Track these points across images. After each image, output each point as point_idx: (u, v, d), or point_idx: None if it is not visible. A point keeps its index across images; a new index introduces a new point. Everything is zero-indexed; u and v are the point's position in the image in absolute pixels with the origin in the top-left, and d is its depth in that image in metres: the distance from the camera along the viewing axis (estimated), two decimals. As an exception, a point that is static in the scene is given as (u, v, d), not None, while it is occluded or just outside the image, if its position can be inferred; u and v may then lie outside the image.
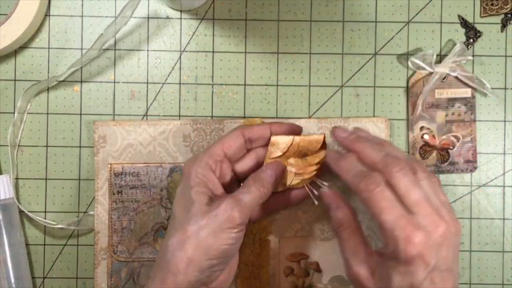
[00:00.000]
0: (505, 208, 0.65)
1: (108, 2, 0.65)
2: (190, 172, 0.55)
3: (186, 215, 0.53)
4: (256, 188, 0.54)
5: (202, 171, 0.54)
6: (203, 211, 0.52)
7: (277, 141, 0.58)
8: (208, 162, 0.55)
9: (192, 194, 0.53)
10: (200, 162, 0.55)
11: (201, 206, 0.53)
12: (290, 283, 0.64)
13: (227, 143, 0.57)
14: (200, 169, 0.54)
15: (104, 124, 0.64)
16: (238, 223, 0.52)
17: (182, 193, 0.55)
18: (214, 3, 0.65)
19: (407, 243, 0.49)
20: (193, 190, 0.54)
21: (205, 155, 0.55)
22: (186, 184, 0.54)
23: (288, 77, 0.65)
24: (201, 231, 0.52)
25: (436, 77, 0.63)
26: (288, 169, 0.58)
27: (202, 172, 0.54)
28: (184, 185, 0.55)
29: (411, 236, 0.49)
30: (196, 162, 0.55)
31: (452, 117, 0.65)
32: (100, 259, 0.64)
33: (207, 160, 0.55)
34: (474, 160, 0.64)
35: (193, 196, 0.53)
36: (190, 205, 0.53)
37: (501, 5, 0.65)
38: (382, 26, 0.65)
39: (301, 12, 0.65)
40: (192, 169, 0.55)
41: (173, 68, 0.65)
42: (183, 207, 0.53)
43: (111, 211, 0.63)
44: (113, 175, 0.63)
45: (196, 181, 0.54)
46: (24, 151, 0.65)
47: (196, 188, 0.54)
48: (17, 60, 0.65)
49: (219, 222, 0.52)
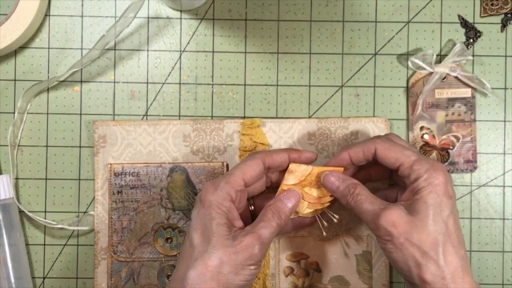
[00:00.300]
0: (505, 208, 0.65)
1: (108, 2, 0.65)
2: (211, 201, 0.54)
3: (207, 247, 0.52)
4: (275, 222, 0.54)
5: (223, 202, 0.54)
6: (225, 245, 0.52)
7: (295, 169, 0.57)
8: (230, 192, 0.54)
9: (214, 226, 0.53)
10: (222, 192, 0.54)
11: (223, 240, 0.52)
12: (290, 283, 0.64)
13: (248, 173, 0.55)
14: (222, 200, 0.54)
15: (104, 124, 0.64)
16: (258, 259, 0.53)
17: (201, 221, 0.54)
18: (214, 3, 0.65)
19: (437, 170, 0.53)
20: (214, 221, 0.53)
21: (227, 185, 0.54)
22: (207, 213, 0.53)
23: (288, 77, 0.65)
24: (222, 267, 0.52)
25: (436, 77, 0.63)
26: (303, 198, 0.58)
27: (223, 203, 0.54)
28: (203, 213, 0.54)
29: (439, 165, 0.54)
30: (217, 191, 0.54)
31: (452, 117, 0.65)
32: (100, 259, 0.64)
33: (228, 190, 0.54)
34: (474, 160, 0.64)
35: (214, 227, 0.53)
36: (210, 235, 0.52)
37: (501, 5, 0.65)
38: (382, 26, 0.65)
39: (301, 12, 0.65)
40: (213, 199, 0.54)
41: (173, 68, 0.65)
42: (203, 237, 0.53)
43: (111, 211, 0.63)
44: (113, 175, 0.63)
45: (217, 212, 0.53)
46: (24, 151, 0.65)
47: (217, 220, 0.53)
48: (17, 60, 0.65)
49: (241, 259, 0.52)
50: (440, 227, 0.52)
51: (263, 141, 0.63)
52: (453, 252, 0.52)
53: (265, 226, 0.54)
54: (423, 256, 0.52)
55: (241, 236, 0.53)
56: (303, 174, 0.57)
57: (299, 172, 0.57)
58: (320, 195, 0.58)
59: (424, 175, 0.53)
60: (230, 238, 0.53)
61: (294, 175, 0.57)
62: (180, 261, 0.54)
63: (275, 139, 0.64)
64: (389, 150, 0.56)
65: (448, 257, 0.51)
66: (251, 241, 0.52)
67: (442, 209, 0.52)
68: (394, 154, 0.56)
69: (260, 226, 0.54)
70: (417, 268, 0.52)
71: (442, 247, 0.52)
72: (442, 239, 0.52)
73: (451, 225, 0.52)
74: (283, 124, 0.64)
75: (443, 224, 0.52)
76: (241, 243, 0.52)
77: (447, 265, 0.51)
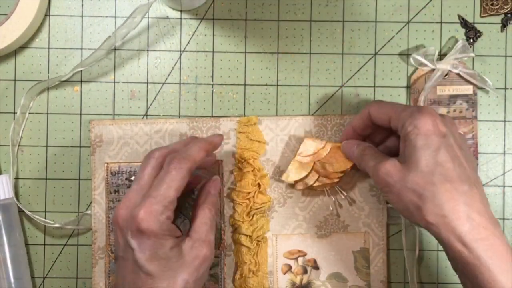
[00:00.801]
0: (505, 208, 0.65)
1: (108, 2, 0.65)
2: (154, 231, 0.51)
3: (167, 272, 0.51)
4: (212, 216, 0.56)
5: (167, 227, 0.52)
6: (184, 266, 0.52)
7: (310, 143, 0.62)
8: (169, 215, 0.52)
9: (167, 252, 0.52)
10: (162, 218, 0.52)
11: (180, 262, 0.52)
12: (288, 280, 0.64)
13: (179, 187, 0.53)
14: (166, 227, 0.52)
15: (100, 123, 0.64)
16: (211, 255, 0.54)
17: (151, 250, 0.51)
18: (214, 3, 0.65)
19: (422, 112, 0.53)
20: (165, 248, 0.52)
21: (165, 210, 0.52)
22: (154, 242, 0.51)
23: (288, 77, 0.65)
24: (187, 285, 0.52)
25: (438, 74, 0.63)
26: (314, 170, 0.62)
27: (168, 228, 0.52)
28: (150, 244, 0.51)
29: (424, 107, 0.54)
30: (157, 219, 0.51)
31: (454, 114, 0.64)
32: (97, 258, 0.64)
33: (167, 214, 0.52)
34: (475, 157, 0.64)
35: (168, 253, 0.52)
36: (166, 262, 0.52)
37: (501, 5, 0.64)
38: (382, 26, 0.65)
39: (301, 12, 0.65)
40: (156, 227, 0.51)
41: (173, 68, 0.65)
42: (160, 265, 0.51)
43: (108, 210, 0.63)
44: (110, 174, 0.63)
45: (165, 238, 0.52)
46: (24, 151, 0.65)
47: (168, 245, 0.52)
48: (17, 60, 0.65)
49: (202, 271, 0.53)
50: (432, 166, 0.51)
51: (259, 139, 0.63)
52: (451, 189, 0.51)
53: (208, 229, 0.55)
54: (420, 198, 0.51)
55: (195, 250, 0.53)
56: (317, 148, 0.62)
57: (312, 146, 0.62)
58: (330, 169, 0.61)
59: (409, 119, 0.53)
60: (185, 257, 0.52)
61: (309, 147, 0.62)
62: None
63: (272, 136, 0.64)
64: (379, 108, 0.57)
65: (445, 194, 0.50)
66: (206, 251, 0.53)
67: (432, 148, 0.52)
68: (384, 110, 0.57)
69: (205, 231, 0.54)
70: (418, 211, 0.52)
71: (438, 185, 0.51)
72: (437, 177, 0.51)
73: (447, 162, 0.51)
74: (279, 121, 0.64)
75: (434, 163, 0.51)
76: (197, 258, 0.52)
77: (446, 203, 0.50)
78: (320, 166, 0.62)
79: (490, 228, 0.50)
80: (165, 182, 0.52)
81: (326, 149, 0.62)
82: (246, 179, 0.63)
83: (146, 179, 0.53)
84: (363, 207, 0.64)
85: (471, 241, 0.49)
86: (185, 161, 0.53)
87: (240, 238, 0.63)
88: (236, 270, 0.64)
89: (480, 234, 0.49)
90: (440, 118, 0.53)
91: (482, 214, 0.50)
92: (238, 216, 0.63)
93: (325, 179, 0.62)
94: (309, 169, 0.62)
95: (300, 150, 0.62)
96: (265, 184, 0.63)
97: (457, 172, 0.51)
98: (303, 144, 0.62)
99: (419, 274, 0.65)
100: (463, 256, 0.50)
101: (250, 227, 0.63)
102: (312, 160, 0.62)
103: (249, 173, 0.63)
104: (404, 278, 0.65)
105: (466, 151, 0.54)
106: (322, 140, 0.63)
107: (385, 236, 0.64)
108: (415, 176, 0.51)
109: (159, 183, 0.52)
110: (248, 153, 0.63)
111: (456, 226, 0.50)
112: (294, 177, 0.62)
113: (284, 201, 0.64)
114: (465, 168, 0.52)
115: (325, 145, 0.62)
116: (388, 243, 0.64)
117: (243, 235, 0.63)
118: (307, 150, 0.62)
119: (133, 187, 0.53)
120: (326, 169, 0.62)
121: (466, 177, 0.52)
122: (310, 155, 0.62)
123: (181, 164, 0.53)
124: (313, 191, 0.64)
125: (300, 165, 0.62)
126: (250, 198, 0.63)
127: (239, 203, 0.63)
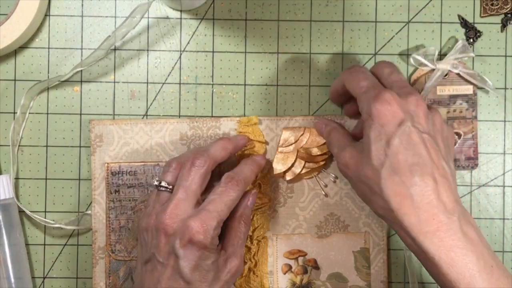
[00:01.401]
0: (505, 208, 0.65)
1: (108, 2, 0.65)
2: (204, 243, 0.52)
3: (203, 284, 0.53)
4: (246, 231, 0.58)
5: (215, 240, 0.54)
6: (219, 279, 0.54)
7: (288, 133, 0.63)
8: (216, 225, 0.54)
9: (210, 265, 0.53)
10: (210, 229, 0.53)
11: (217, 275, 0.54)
12: (288, 280, 0.64)
13: (232, 206, 0.55)
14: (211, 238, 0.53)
15: (100, 123, 0.64)
16: (242, 269, 0.56)
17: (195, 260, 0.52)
18: (214, 3, 0.65)
19: (378, 99, 0.50)
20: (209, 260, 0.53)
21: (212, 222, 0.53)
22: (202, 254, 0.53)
23: (288, 77, 0.65)
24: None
25: (438, 74, 0.63)
26: (298, 159, 0.62)
27: (215, 241, 0.54)
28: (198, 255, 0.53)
29: (382, 93, 0.51)
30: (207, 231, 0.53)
31: (454, 114, 0.64)
32: (98, 258, 0.64)
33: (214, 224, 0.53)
34: (475, 157, 0.64)
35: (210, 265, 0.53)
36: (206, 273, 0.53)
37: (501, 5, 0.64)
38: (382, 26, 0.65)
39: (301, 12, 0.65)
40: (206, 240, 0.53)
41: (173, 68, 0.65)
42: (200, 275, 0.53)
43: (109, 210, 0.63)
44: (110, 174, 0.63)
45: (211, 252, 0.53)
46: (24, 151, 0.65)
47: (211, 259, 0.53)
48: (17, 60, 0.65)
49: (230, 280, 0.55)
50: (382, 159, 0.50)
51: (259, 139, 0.63)
52: (399, 182, 0.49)
53: (242, 243, 0.57)
54: (370, 191, 0.51)
55: (229, 265, 0.55)
56: (296, 135, 0.63)
57: (293, 135, 0.63)
58: (315, 154, 0.62)
59: (365, 105, 0.52)
60: (220, 270, 0.54)
61: (287, 139, 0.63)
62: None
63: (272, 136, 0.64)
64: (349, 82, 0.56)
65: (392, 189, 0.49)
66: (238, 265, 0.55)
67: (383, 140, 0.50)
68: (352, 85, 0.55)
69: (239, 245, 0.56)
70: (370, 204, 0.52)
71: (386, 179, 0.49)
72: (385, 171, 0.49)
73: (398, 153, 0.49)
74: (279, 121, 0.64)
75: (384, 155, 0.50)
76: (230, 272, 0.55)
77: (393, 197, 0.49)
78: (304, 152, 0.62)
79: (443, 219, 0.48)
80: (222, 200, 0.54)
81: (306, 134, 0.63)
82: (246, 179, 0.63)
83: (192, 188, 0.54)
84: (363, 207, 0.64)
85: (418, 235, 0.48)
86: (242, 184, 0.56)
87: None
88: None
89: (429, 227, 0.48)
90: (398, 101, 0.51)
91: (435, 205, 0.48)
92: (238, 216, 0.63)
93: (311, 164, 0.63)
94: (294, 157, 0.63)
95: (281, 142, 0.63)
96: (266, 184, 0.63)
97: (408, 162, 0.49)
98: (282, 135, 0.63)
99: (420, 274, 0.65)
100: (412, 249, 0.50)
101: (250, 227, 0.63)
102: (295, 148, 0.63)
103: (249, 173, 0.63)
104: (404, 278, 0.65)
105: (435, 134, 0.52)
106: (300, 128, 0.63)
107: (386, 236, 0.64)
108: (368, 169, 0.51)
109: (216, 198, 0.54)
110: (249, 153, 0.63)
111: (403, 219, 0.49)
112: (282, 168, 0.63)
113: (284, 201, 0.64)
114: (422, 155, 0.49)
115: (304, 131, 0.63)
116: (389, 243, 0.64)
117: (243, 234, 0.63)
118: (288, 140, 0.63)
119: (179, 195, 0.54)
120: (310, 154, 0.62)
121: (420, 167, 0.49)
122: (292, 143, 0.63)
123: (238, 186, 0.55)
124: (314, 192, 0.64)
125: (284, 155, 0.63)
126: (250, 198, 0.63)
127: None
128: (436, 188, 0.49)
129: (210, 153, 0.56)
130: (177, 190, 0.55)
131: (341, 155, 0.54)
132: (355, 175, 0.52)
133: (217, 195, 0.54)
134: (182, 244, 0.52)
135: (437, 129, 0.53)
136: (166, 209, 0.54)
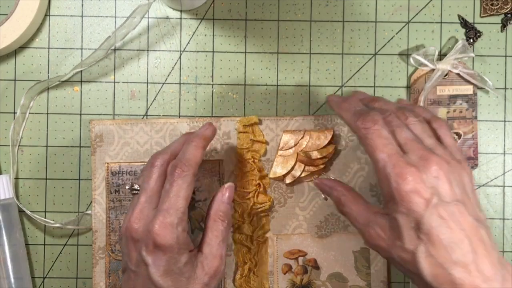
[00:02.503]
0: (505, 208, 0.65)
1: (108, 2, 0.65)
2: (172, 245, 0.51)
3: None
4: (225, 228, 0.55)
5: (184, 241, 0.52)
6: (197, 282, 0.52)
7: (288, 136, 0.63)
8: (185, 228, 0.52)
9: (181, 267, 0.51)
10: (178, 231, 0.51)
11: (193, 278, 0.52)
12: (288, 280, 0.64)
13: (188, 196, 0.52)
14: (182, 241, 0.51)
15: (100, 123, 0.64)
16: (222, 269, 0.54)
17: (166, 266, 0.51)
18: (214, 3, 0.65)
19: (400, 179, 0.48)
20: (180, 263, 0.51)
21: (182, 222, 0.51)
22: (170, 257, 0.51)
23: (288, 77, 0.65)
24: None
25: (438, 74, 0.63)
26: (298, 162, 0.62)
27: (185, 242, 0.52)
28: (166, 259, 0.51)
29: (403, 172, 0.48)
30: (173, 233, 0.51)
31: (454, 114, 0.64)
32: (98, 258, 0.64)
33: (183, 226, 0.52)
34: (475, 157, 0.64)
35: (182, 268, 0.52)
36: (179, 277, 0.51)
37: (501, 5, 0.65)
38: (382, 26, 0.65)
39: (301, 12, 0.65)
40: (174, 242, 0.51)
41: (173, 68, 0.65)
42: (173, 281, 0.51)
43: (109, 210, 0.63)
44: (110, 174, 0.63)
45: (181, 253, 0.51)
46: (24, 151, 0.65)
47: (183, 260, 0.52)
48: (17, 60, 0.65)
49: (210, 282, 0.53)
50: (415, 242, 0.48)
51: (260, 139, 0.63)
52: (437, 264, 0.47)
53: (220, 242, 0.54)
54: (409, 271, 0.49)
55: (206, 266, 0.53)
56: (296, 138, 0.63)
57: (293, 138, 0.63)
58: (315, 157, 0.63)
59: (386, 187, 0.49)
60: (196, 272, 0.52)
61: (287, 142, 0.63)
62: None
63: (272, 136, 0.64)
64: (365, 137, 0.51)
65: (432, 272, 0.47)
66: (217, 266, 0.53)
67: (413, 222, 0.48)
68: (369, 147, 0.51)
69: (216, 245, 0.54)
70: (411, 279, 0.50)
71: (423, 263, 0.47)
72: (422, 254, 0.48)
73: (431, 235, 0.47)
74: (280, 121, 0.64)
75: (416, 239, 0.48)
76: (208, 274, 0.53)
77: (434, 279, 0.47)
78: (304, 155, 0.62)
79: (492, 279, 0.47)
80: (173, 193, 0.52)
81: (306, 138, 0.63)
82: (247, 179, 0.63)
83: (154, 189, 0.53)
84: None
85: None
86: (187, 167, 0.52)
87: (241, 238, 0.63)
88: (236, 270, 0.64)
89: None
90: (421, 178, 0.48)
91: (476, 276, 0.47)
92: (239, 216, 0.63)
93: (311, 168, 0.63)
94: (294, 161, 0.63)
95: (281, 145, 0.63)
96: (266, 184, 0.63)
97: (443, 243, 0.47)
98: (283, 138, 0.63)
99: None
100: None
101: (250, 227, 0.63)
102: (295, 151, 0.63)
103: (250, 173, 0.63)
104: (404, 278, 0.65)
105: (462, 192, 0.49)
106: (300, 131, 0.63)
107: (385, 236, 0.64)
108: (402, 253, 0.49)
109: (166, 194, 0.52)
110: (249, 153, 0.63)
111: None
112: (281, 171, 0.63)
113: (285, 201, 0.64)
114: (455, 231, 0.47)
115: (304, 134, 0.63)
116: (388, 243, 0.64)
117: (243, 234, 0.63)
118: (288, 143, 0.63)
119: (142, 199, 0.53)
120: (310, 157, 0.62)
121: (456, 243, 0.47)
122: (292, 147, 0.63)
123: (184, 171, 0.52)
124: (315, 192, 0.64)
125: (284, 159, 0.63)
126: (250, 198, 0.63)
127: (239, 203, 0.63)
128: (476, 260, 0.47)
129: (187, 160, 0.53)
130: (141, 193, 0.53)
131: (368, 235, 0.51)
132: (388, 256, 0.50)
133: (167, 190, 0.52)
134: (149, 250, 0.50)
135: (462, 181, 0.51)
136: (131, 214, 0.52)
